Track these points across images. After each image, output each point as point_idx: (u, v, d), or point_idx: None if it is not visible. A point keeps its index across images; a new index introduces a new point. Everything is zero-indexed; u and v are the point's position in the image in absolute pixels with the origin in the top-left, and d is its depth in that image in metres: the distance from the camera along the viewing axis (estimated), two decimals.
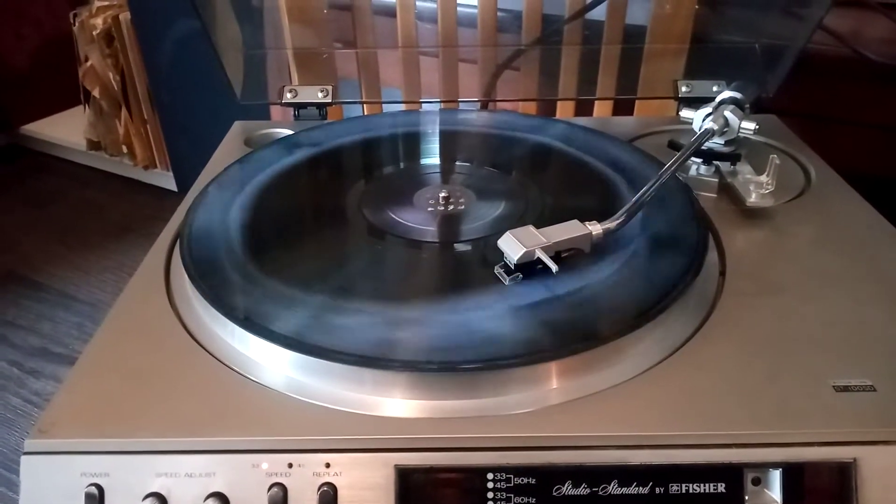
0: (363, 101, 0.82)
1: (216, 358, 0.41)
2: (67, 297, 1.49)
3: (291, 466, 0.35)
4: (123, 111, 1.75)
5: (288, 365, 0.40)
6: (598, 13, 0.76)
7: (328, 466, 0.35)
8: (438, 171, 0.61)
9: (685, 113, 0.61)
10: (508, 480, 0.35)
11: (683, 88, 0.71)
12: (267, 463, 0.35)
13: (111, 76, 1.71)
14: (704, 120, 0.57)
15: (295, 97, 0.71)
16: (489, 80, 0.79)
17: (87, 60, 1.73)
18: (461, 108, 0.82)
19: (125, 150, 1.81)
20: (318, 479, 0.35)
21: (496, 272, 0.44)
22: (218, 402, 0.38)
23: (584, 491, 0.35)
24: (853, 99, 0.79)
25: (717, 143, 0.57)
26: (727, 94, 0.59)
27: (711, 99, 0.59)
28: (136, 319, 0.44)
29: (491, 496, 0.35)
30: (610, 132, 0.64)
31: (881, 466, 0.35)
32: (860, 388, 0.38)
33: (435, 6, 0.77)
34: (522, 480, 0.35)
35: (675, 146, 0.60)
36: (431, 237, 0.51)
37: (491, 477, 0.35)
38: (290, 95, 0.71)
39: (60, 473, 0.35)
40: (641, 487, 0.35)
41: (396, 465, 0.35)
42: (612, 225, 0.47)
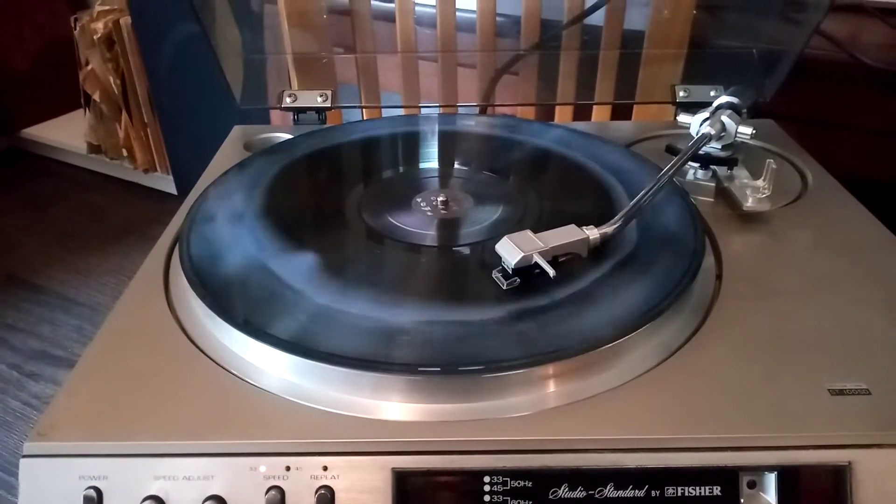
0: (362, 105, 0.82)
1: (214, 361, 0.41)
2: (67, 299, 1.49)
3: (289, 469, 0.35)
4: (124, 115, 1.76)
5: (286, 368, 0.40)
6: (596, 18, 0.76)
7: (326, 469, 0.35)
8: (437, 175, 0.61)
9: (683, 118, 0.61)
10: (505, 483, 0.35)
11: (681, 93, 0.71)
12: (265, 466, 0.35)
13: (112, 80, 1.71)
14: (702, 125, 0.57)
15: (294, 102, 0.72)
16: (488, 84, 0.80)
17: (87, 64, 1.73)
18: (460, 112, 0.82)
19: (125, 153, 1.82)
20: (315, 482, 0.35)
21: (494, 276, 0.44)
22: (216, 405, 0.38)
23: (580, 494, 0.35)
24: (850, 104, 0.79)
25: (714, 147, 0.58)
26: (724, 98, 0.59)
27: (709, 104, 0.59)
28: (134, 323, 0.44)
29: (488, 499, 0.35)
30: (608, 137, 0.65)
31: (876, 469, 0.35)
32: (855, 391, 0.38)
33: (434, 11, 0.78)
34: (519, 483, 0.35)
35: (672, 151, 0.60)
36: (430, 241, 0.51)
37: (488, 480, 0.35)
38: (289, 100, 0.72)
39: (59, 476, 0.36)
40: (637, 490, 0.35)
41: (394, 468, 0.35)
42: (609, 229, 0.47)
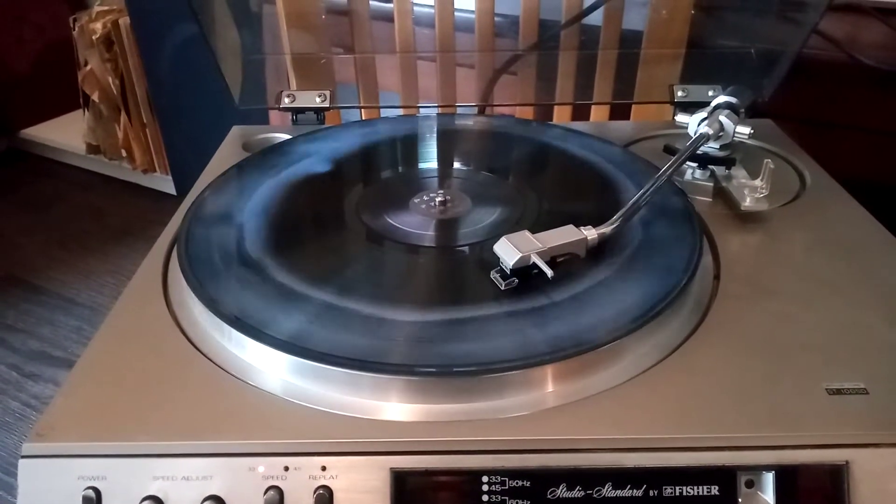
0: (361, 105, 0.82)
1: (213, 362, 0.41)
2: (66, 300, 1.49)
3: (288, 469, 0.35)
4: (123, 115, 1.76)
5: (284, 369, 0.40)
6: (594, 18, 0.76)
7: (324, 469, 0.35)
8: (436, 175, 0.62)
9: (681, 117, 0.61)
10: (503, 483, 0.35)
11: (679, 93, 0.71)
12: (263, 466, 0.36)
13: (110, 80, 1.71)
14: (700, 124, 0.57)
15: (293, 102, 0.72)
16: (486, 84, 0.80)
17: (86, 65, 1.73)
18: (458, 112, 0.82)
19: (124, 153, 1.81)
20: (314, 482, 0.35)
21: (492, 277, 0.44)
22: (215, 405, 0.38)
23: (578, 493, 0.35)
24: (849, 103, 0.79)
25: (712, 147, 0.58)
26: (723, 98, 0.59)
27: (707, 103, 0.60)
28: (133, 323, 0.44)
29: (486, 499, 0.35)
30: (606, 136, 0.65)
31: (873, 469, 0.35)
32: (853, 390, 0.38)
33: (432, 11, 0.78)
34: (517, 483, 0.35)
35: (670, 150, 0.60)
36: (428, 242, 0.51)
37: (486, 480, 0.35)
38: (288, 100, 0.72)
39: (58, 477, 0.36)
40: (635, 490, 0.35)
41: (392, 468, 0.35)
42: (607, 230, 0.47)
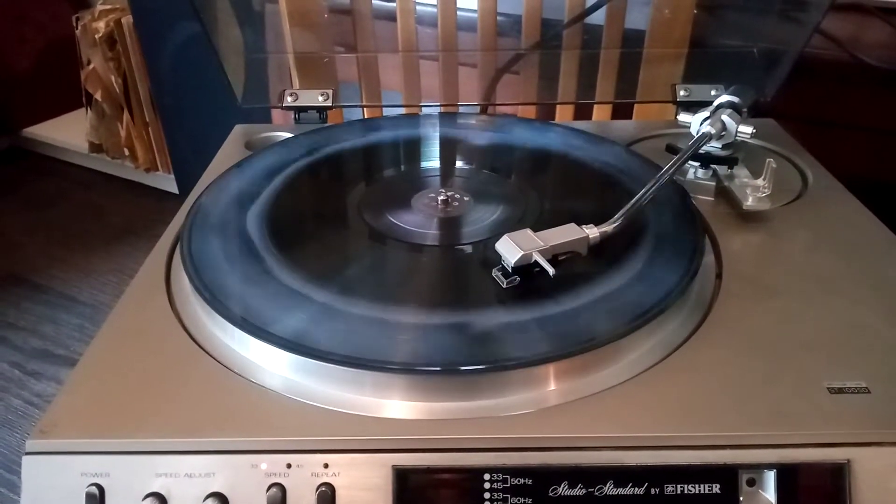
0: (363, 104, 0.82)
1: (216, 359, 0.41)
2: (69, 298, 1.49)
3: (290, 467, 0.36)
4: (125, 114, 1.76)
5: (287, 366, 0.40)
6: (597, 17, 0.76)
7: (326, 467, 0.36)
8: (438, 174, 0.62)
9: (683, 117, 0.61)
10: (505, 481, 0.35)
11: (682, 92, 0.71)
12: (266, 463, 0.36)
13: (113, 79, 1.72)
14: (702, 124, 0.57)
15: (295, 101, 0.72)
16: (489, 83, 0.80)
17: (89, 63, 1.73)
18: (461, 111, 0.82)
19: (127, 152, 1.82)
20: (316, 479, 0.35)
21: (494, 275, 0.44)
22: (217, 403, 0.38)
23: (580, 491, 0.35)
24: (851, 103, 0.79)
25: (714, 146, 0.58)
26: (725, 98, 0.59)
27: (709, 103, 0.60)
28: (136, 321, 0.44)
29: (488, 496, 0.35)
30: (608, 136, 0.65)
31: (875, 467, 0.35)
32: (854, 389, 0.38)
33: (435, 10, 0.78)
34: (519, 481, 0.35)
35: (672, 150, 0.60)
36: (430, 240, 0.51)
37: (488, 477, 0.35)
38: (290, 99, 0.72)
39: (61, 473, 0.36)
40: (637, 488, 0.35)
41: (394, 465, 0.35)
42: (608, 228, 0.47)
